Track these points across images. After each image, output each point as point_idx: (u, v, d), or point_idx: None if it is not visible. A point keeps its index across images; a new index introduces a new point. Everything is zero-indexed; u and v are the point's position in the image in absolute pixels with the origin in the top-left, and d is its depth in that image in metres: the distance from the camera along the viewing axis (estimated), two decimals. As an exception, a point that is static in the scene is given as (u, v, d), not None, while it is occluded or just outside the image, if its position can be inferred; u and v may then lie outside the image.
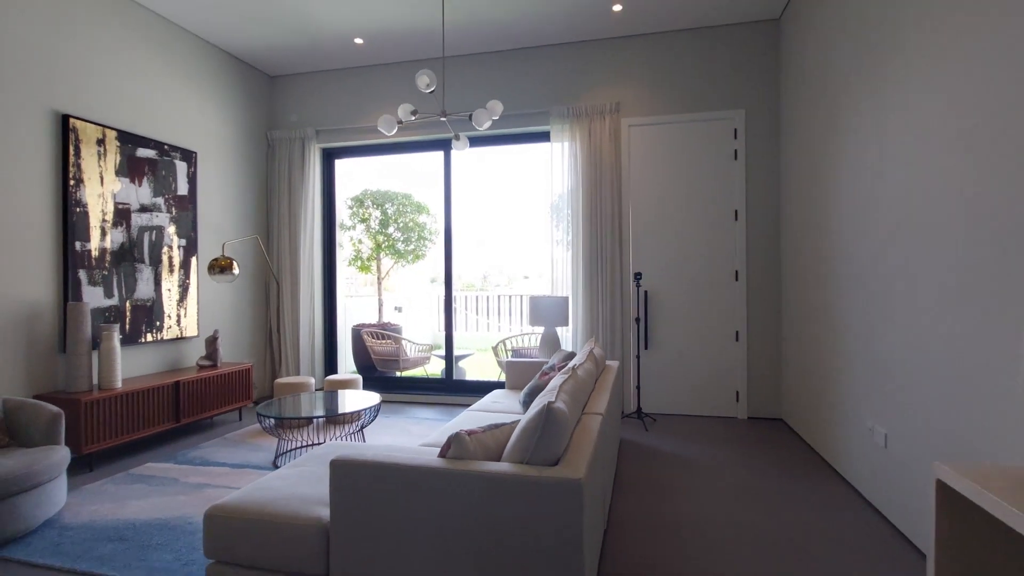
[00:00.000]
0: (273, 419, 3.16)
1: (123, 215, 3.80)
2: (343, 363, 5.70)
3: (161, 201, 4.11)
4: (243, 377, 4.36)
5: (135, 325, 3.88)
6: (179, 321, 4.23)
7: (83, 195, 3.53)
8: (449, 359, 5.33)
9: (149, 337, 3.98)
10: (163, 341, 4.12)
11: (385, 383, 5.49)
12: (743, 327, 4.35)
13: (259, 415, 3.19)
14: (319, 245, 5.34)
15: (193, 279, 4.38)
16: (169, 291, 4.16)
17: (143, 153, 3.96)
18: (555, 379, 2.14)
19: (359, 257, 8.42)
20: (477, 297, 9.72)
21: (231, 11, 4.12)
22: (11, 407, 2.70)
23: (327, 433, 3.83)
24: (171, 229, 4.19)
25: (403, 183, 8.80)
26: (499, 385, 5.06)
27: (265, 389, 5.24)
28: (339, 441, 3.35)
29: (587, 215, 4.52)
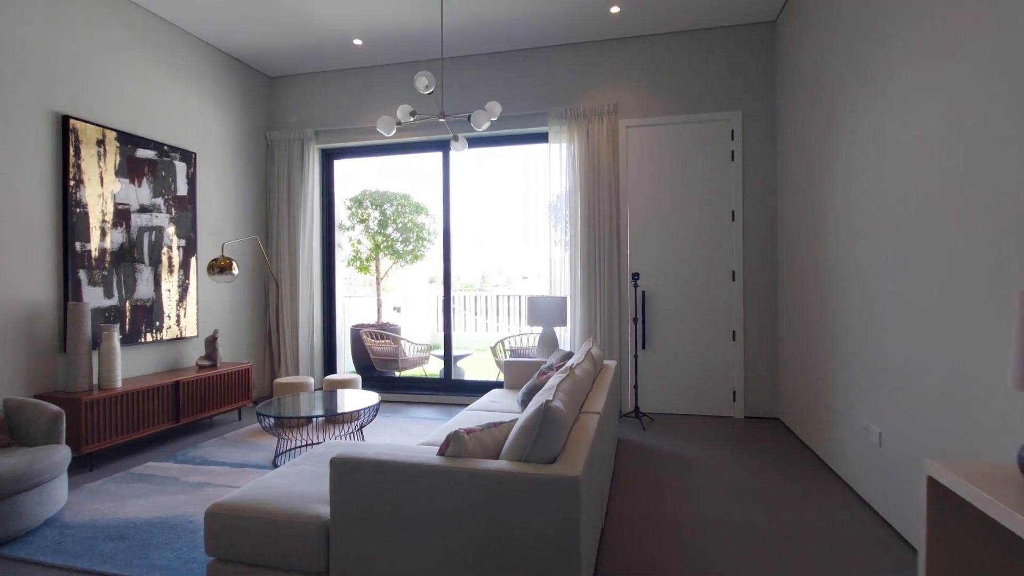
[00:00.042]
0: (273, 418, 3.18)
1: (123, 215, 3.82)
2: (342, 363, 5.71)
3: (161, 202, 4.12)
4: (242, 377, 4.38)
5: (135, 325, 3.89)
6: (179, 321, 4.25)
7: (83, 195, 3.54)
8: (448, 359, 5.35)
9: (149, 337, 3.99)
10: (163, 341, 4.14)
11: (384, 383, 5.51)
12: (740, 327, 4.38)
13: (259, 414, 3.20)
14: (318, 245, 5.36)
15: (193, 279, 4.39)
16: (169, 291, 4.17)
17: (143, 154, 3.97)
18: (553, 378, 2.16)
19: (358, 257, 8.43)
20: (476, 297, 9.74)
21: (231, 12, 4.14)
22: (12, 407, 2.72)
23: (326, 433, 3.84)
24: (171, 229, 4.21)
25: (402, 184, 8.82)
26: (497, 385, 5.08)
27: (264, 389, 5.26)
28: (338, 440, 3.36)
29: (585, 216, 4.54)
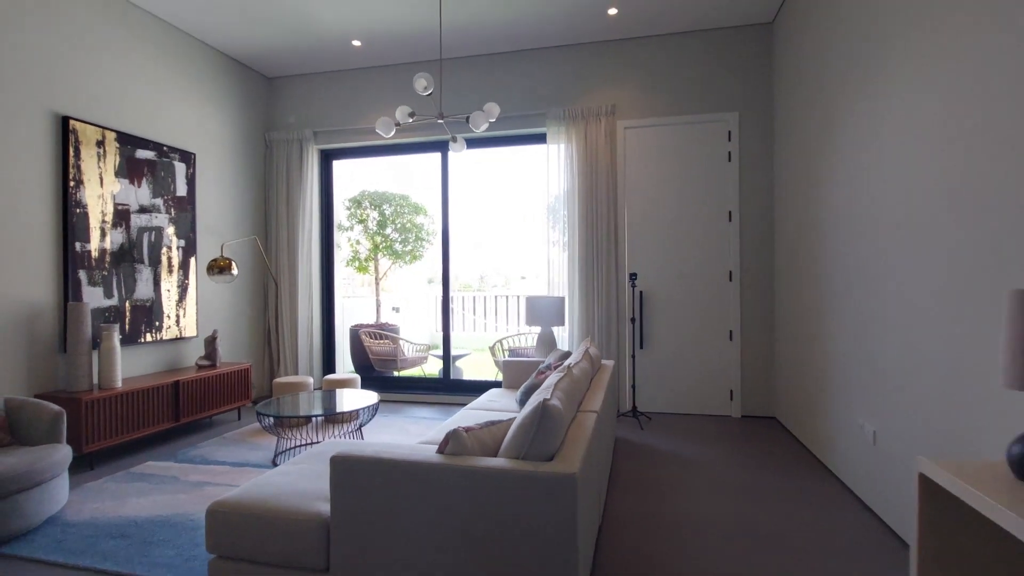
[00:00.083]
0: (272, 418, 3.19)
1: (123, 216, 3.83)
2: (341, 363, 5.73)
3: (160, 202, 4.14)
4: (242, 377, 4.39)
5: (135, 325, 3.90)
6: (178, 321, 4.26)
7: (83, 196, 3.55)
8: (446, 359, 5.37)
9: (148, 337, 4.01)
10: (162, 341, 4.15)
11: (383, 383, 5.52)
12: (737, 327, 4.40)
13: (259, 414, 3.22)
14: (317, 246, 5.37)
15: (192, 279, 4.41)
16: (168, 291, 4.19)
17: (142, 154, 3.98)
18: (551, 377, 2.18)
19: (357, 258, 8.45)
20: (474, 297, 9.75)
21: (230, 13, 4.16)
22: (13, 406, 2.73)
23: (326, 432, 3.86)
24: (170, 230, 4.22)
25: (400, 184, 8.84)
26: (496, 384, 5.10)
27: (263, 389, 5.27)
28: (338, 439, 3.38)
29: (583, 216, 4.56)
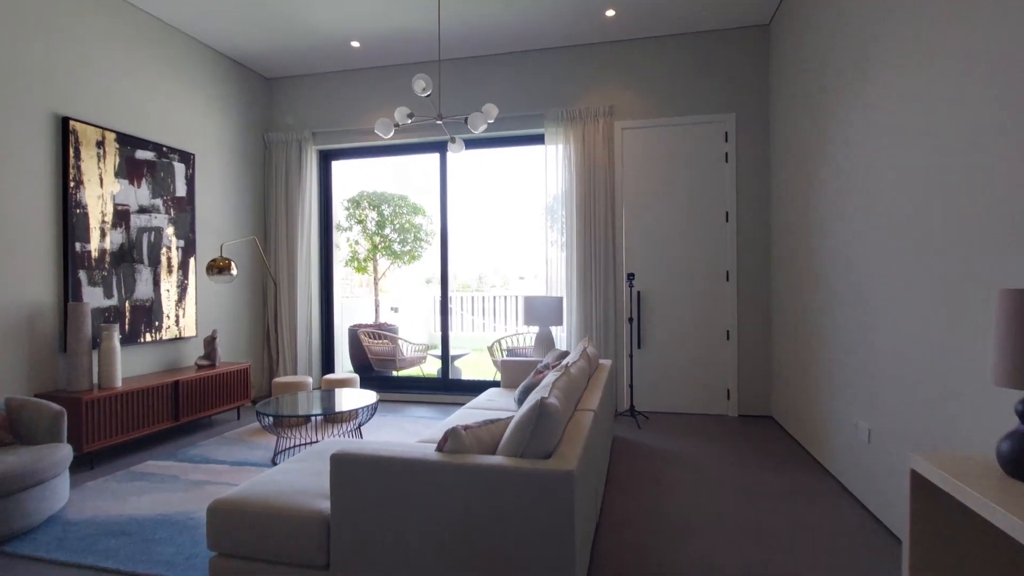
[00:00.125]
0: (272, 417, 3.21)
1: (122, 216, 3.84)
2: (340, 363, 5.75)
3: (160, 202, 4.15)
4: (241, 377, 4.41)
5: (134, 325, 3.92)
6: (178, 321, 4.27)
7: (83, 196, 3.57)
8: (445, 359, 5.39)
9: (148, 337, 4.02)
10: (162, 341, 4.16)
11: (382, 383, 5.54)
12: (734, 327, 4.43)
13: (258, 413, 3.24)
14: (316, 246, 5.39)
15: (191, 280, 4.42)
16: (168, 291, 4.20)
17: (142, 155, 4.00)
18: (549, 376, 2.21)
19: (355, 258, 8.47)
20: (473, 298, 9.78)
21: (229, 14, 4.17)
22: (14, 406, 2.74)
23: (325, 432, 3.88)
24: (170, 230, 4.24)
25: (399, 185, 8.86)
26: (494, 384, 5.12)
27: (263, 389, 5.29)
28: (338, 438, 3.40)
29: (581, 216, 4.59)
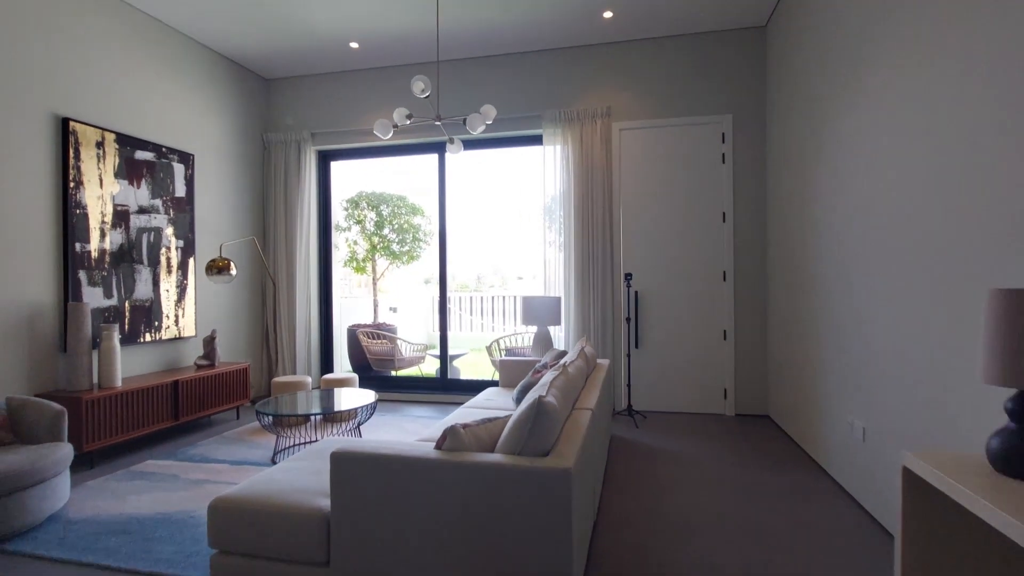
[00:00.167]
0: (271, 416, 3.22)
1: (122, 216, 3.86)
2: (339, 363, 5.76)
3: (159, 203, 4.16)
4: (240, 376, 4.42)
5: (134, 325, 3.93)
6: (177, 321, 4.29)
7: (83, 197, 3.58)
8: (444, 358, 5.41)
9: (148, 337, 4.03)
10: (161, 341, 4.18)
11: (381, 382, 5.56)
12: (731, 326, 4.46)
13: (258, 412, 3.25)
14: (315, 246, 5.40)
15: (191, 280, 4.44)
16: (167, 291, 4.21)
17: (141, 155, 4.01)
18: (546, 375, 2.23)
19: (354, 258, 8.48)
20: (471, 298, 9.80)
21: (228, 15, 4.19)
22: (15, 405, 2.76)
23: (324, 431, 3.90)
24: (169, 230, 4.25)
25: (398, 185, 8.88)
26: (493, 383, 5.14)
27: (262, 389, 5.30)
28: (337, 437, 3.41)
29: (579, 217, 4.61)
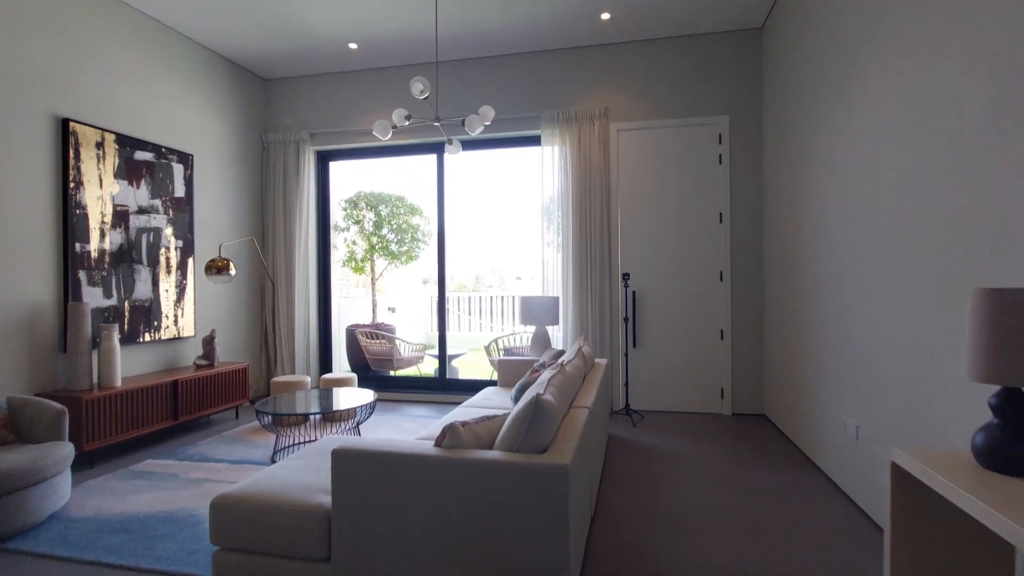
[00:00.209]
0: (271, 415, 3.24)
1: (122, 217, 3.87)
2: (338, 363, 5.78)
3: (159, 203, 4.18)
4: (239, 376, 4.44)
5: (133, 325, 3.95)
6: (176, 321, 4.30)
7: (83, 197, 3.59)
8: (442, 358, 5.43)
9: (147, 337, 4.05)
10: (161, 341, 4.19)
11: (379, 382, 5.58)
12: (727, 326, 4.49)
13: (258, 411, 3.27)
14: (314, 246, 5.42)
15: (190, 280, 4.45)
16: (167, 291, 4.23)
17: (141, 156, 4.03)
18: (544, 374, 2.25)
19: (353, 258, 8.50)
20: (470, 298, 9.82)
21: (227, 16, 4.21)
22: (15, 405, 2.77)
23: (323, 431, 3.92)
24: (168, 231, 4.26)
25: (397, 185, 8.90)
26: (491, 383, 5.16)
27: (261, 388, 5.31)
28: (336, 436, 3.44)
29: (577, 217, 4.64)
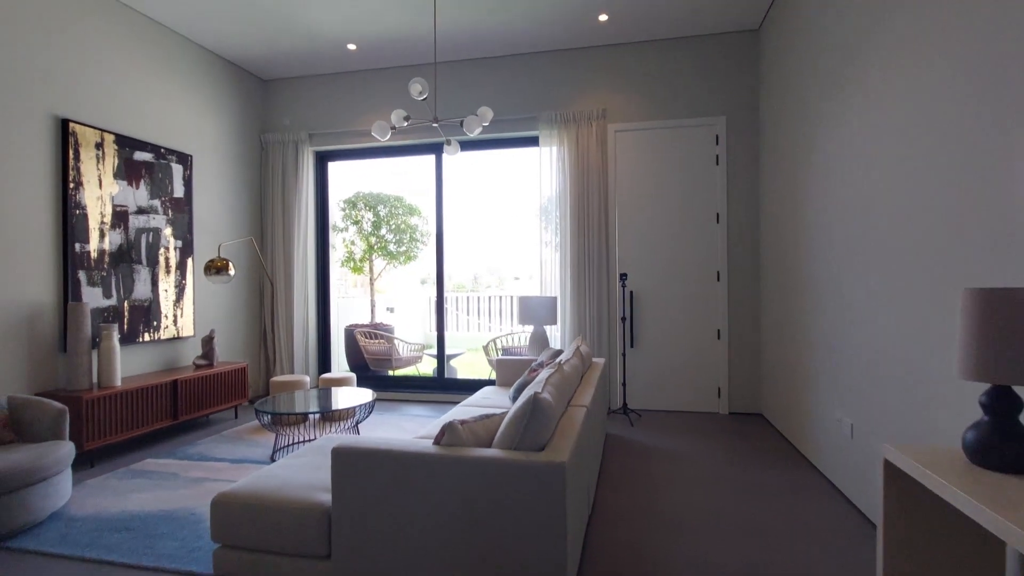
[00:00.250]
0: (270, 414, 3.26)
1: (121, 217, 3.88)
2: (337, 363, 5.79)
3: (158, 203, 4.19)
4: (239, 376, 4.45)
5: (133, 325, 3.96)
6: (176, 321, 4.31)
7: (82, 197, 3.61)
8: (441, 358, 5.45)
9: (147, 337, 4.06)
10: (160, 341, 4.20)
11: (378, 382, 5.59)
12: (724, 326, 4.51)
13: (257, 411, 3.29)
14: (312, 246, 5.44)
15: (189, 280, 4.46)
16: (166, 292, 4.24)
17: (140, 156, 4.04)
18: (542, 373, 2.28)
19: (351, 258, 8.51)
20: (468, 298, 9.84)
21: (226, 17, 4.22)
22: (16, 404, 2.78)
23: (322, 430, 3.93)
24: (168, 231, 4.28)
25: (395, 186, 8.91)
26: (490, 382, 5.18)
27: (260, 388, 5.33)
28: (336, 435, 3.45)
29: (575, 218, 4.66)
